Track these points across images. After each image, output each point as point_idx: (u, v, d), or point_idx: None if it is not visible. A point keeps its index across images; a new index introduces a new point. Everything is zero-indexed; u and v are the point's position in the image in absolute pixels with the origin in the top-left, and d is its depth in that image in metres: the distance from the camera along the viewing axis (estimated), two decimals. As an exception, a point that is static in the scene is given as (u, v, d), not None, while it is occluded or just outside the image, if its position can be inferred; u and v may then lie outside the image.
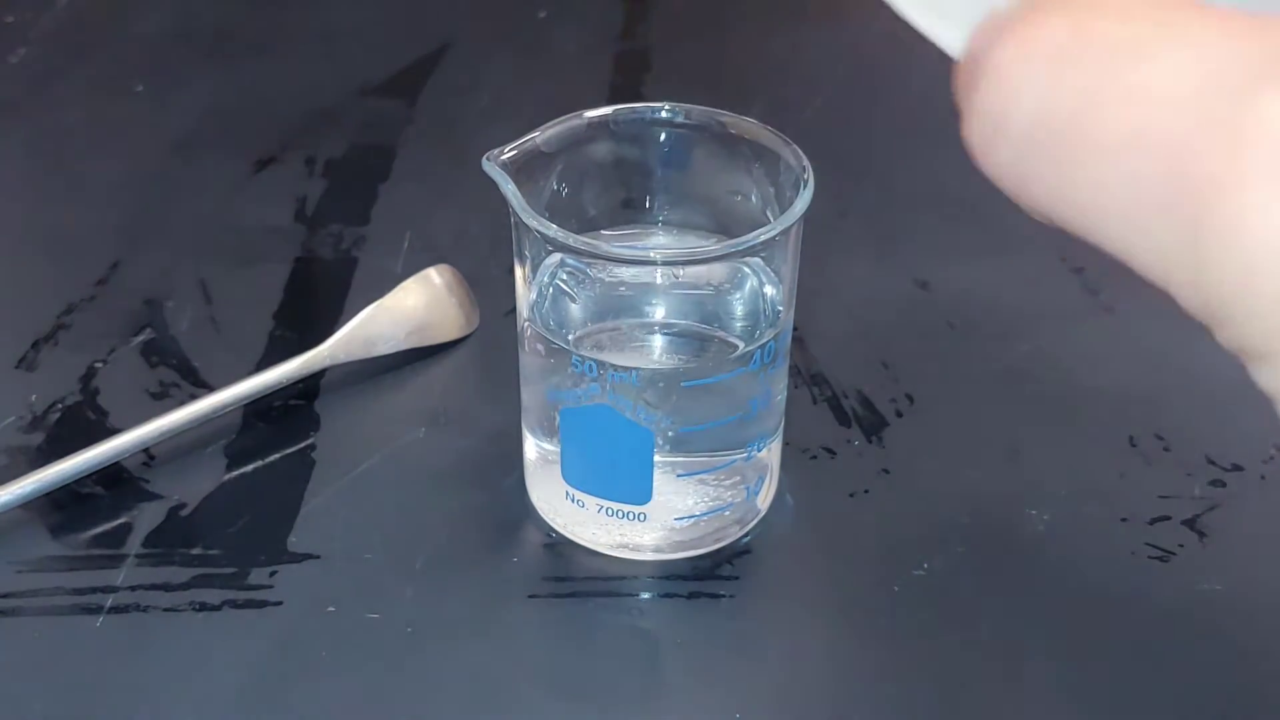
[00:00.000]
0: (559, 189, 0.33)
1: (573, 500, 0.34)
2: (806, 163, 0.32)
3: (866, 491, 0.37)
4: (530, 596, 0.34)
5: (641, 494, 0.33)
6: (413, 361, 0.41)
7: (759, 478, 0.35)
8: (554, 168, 0.33)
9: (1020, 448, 0.38)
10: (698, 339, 0.34)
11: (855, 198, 0.49)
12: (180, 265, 0.45)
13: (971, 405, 0.40)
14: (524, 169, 0.32)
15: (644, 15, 0.61)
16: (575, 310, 0.34)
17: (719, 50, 0.59)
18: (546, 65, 0.58)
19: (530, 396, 0.34)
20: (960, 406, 0.40)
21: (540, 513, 0.36)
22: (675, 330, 0.34)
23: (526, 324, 0.33)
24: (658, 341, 0.34)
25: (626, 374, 0.31)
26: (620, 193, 0.35)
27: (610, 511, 0.34)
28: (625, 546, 0.34)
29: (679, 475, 0.33)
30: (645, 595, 0.34)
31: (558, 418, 0.33)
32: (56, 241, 0.47)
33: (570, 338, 0.33)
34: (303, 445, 0.38)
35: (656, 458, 0.32)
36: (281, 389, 0.39)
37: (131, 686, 0.31)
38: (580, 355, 0.32)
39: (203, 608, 0.33)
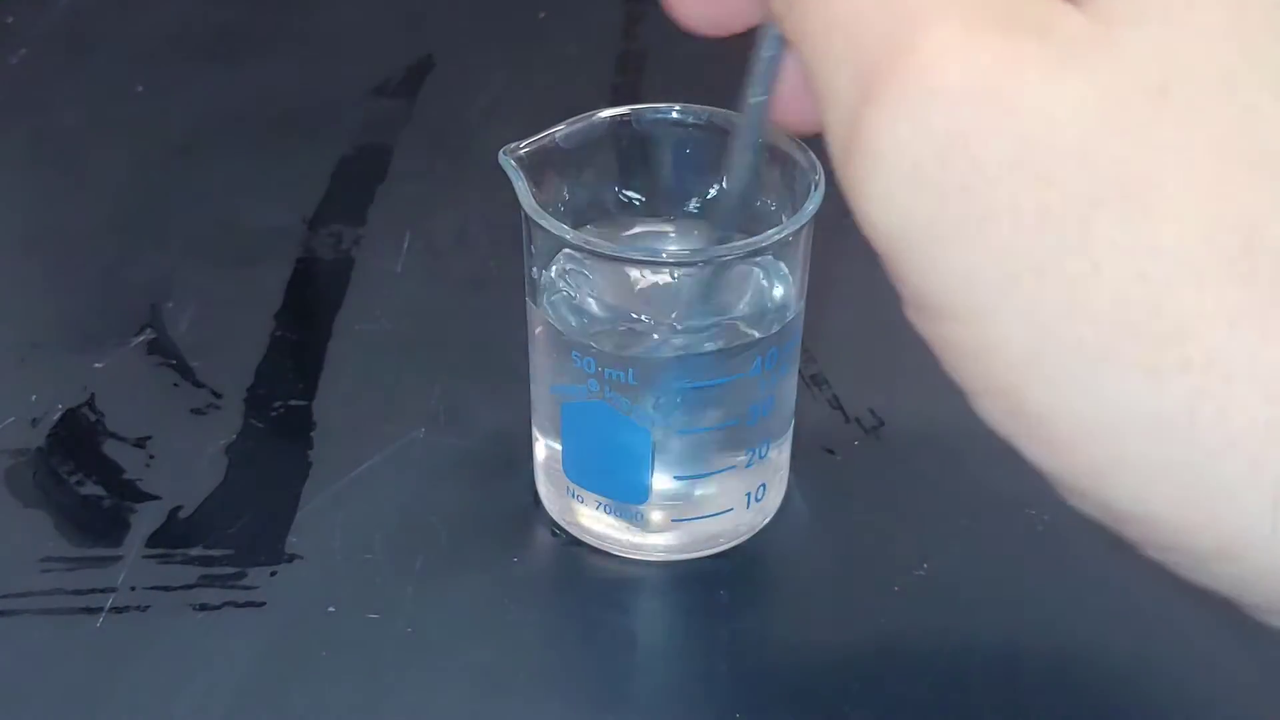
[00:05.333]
0: (573, 186, 0.33)
1: (574, 496, 0.34)
2: (819, 165, 0.32)
3: (867, 491, 0.37)
4: (530, 596, 0.34)
5: (639, 493, 0.33)
6: (412, 362, 0.41)
7: (761, 484, 0.34)
8: (568, 165, 0.33)
9: (1020, 448, 0.38)
10: (703, 341, 0.34)
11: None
12: (180, 265, 0.45)
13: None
14: (538, 165, 0.32)
15: (644, 15, 0.61)
16: (582, 307, 0.33)
17: (720, 51, 0.59)
18: (546, 66, 0.58)
19: (537, 393, 0.35)
20: (961, 406, 0.39)
21: (547, 509, 0.36)
22: (680, 331, 0.34)
23: (535, 319, 0.33)
24: (661, 342, 0.34)
25: (623, 372, 0.31)
26: (634, 192, 0.35)
27: (610, 509, 0.34)
28: (625, 544, 0.34)
29: (676, 477, 0.33)
30: (646, 595, 0.34)
31: (560, 414, 0.33)
32: (57, 241, 0.47)
33: (574, 335, 0.33)
34: (302, 446, 0.38)
35: (655, 458, 0.32)
36: (281, 389, 0.39)
37: (131, 686, 0.31)
38: (580, 352, 0.32)
39: (203, 608, 0.33)
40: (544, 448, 0.35)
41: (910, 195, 0.17)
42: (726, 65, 0.29)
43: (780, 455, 0.35)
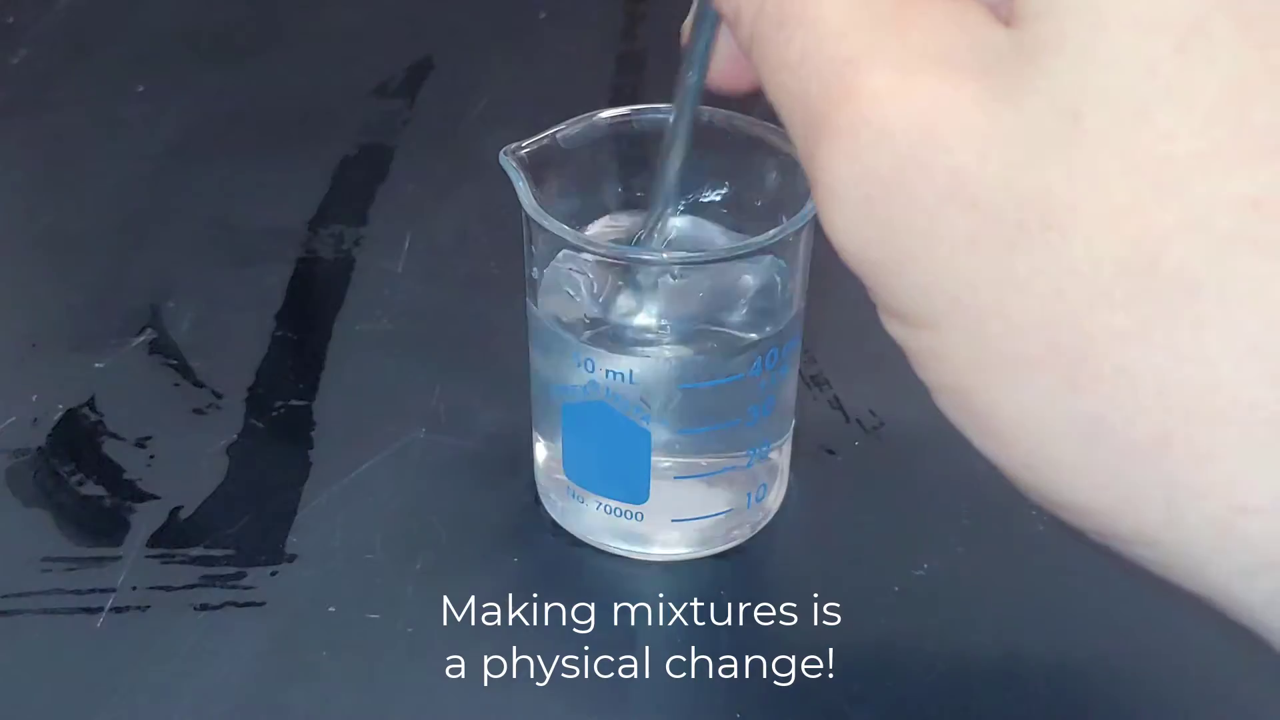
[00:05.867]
0: (574, 186, 0.33)
1: (574, 496, 0.34)
2: None
3: (866, 491, 0.37)
4: (530, 597, 0.34)
5: (638, 494, 0.33)
6: (412, 362, 0.41)
7: (762, 484, 0.34)
8: (570, 165, 0.33)
9: (1020, 448, 0.38)
10: (703, 341, 0.34)
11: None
12: (180, 265, 0.45)
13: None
14: (538, 165, 0.32)
15: (644, 15, 0.61)
16: (582, 307, 0.33)
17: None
18: (546, 66, 0.58)
19: (538, 392, 0.35)
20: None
21: (547, 509, 0.36)
22: (680, 331, 0.34)
23: (535, 319, 0.33)
24: (661, 341, 0.34)
25: (623, 372, 0.31)
26: (634, 192, 0.35)
27: (609, 509, 0.34)
28: (625, 544, 0.34)
29: (676, 478, 0.33)
30: (646, 595, 0.34)
31: (560, 414, 0.33)
32: (57, 241, 0.47)
33: (574, 334, 0.33)
34: (302, 446, 0.38)
35: (654, 458, 0.32)
36: (281, 389, 0.39)
37: (131, 686, 0.31)
38: (580, 352, 0.32)
39: (203, 608, 0.33)
40: (544, 448, 0.35)
41: (864, 225, 0.19)
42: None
43: (780, 455, 0.35)
